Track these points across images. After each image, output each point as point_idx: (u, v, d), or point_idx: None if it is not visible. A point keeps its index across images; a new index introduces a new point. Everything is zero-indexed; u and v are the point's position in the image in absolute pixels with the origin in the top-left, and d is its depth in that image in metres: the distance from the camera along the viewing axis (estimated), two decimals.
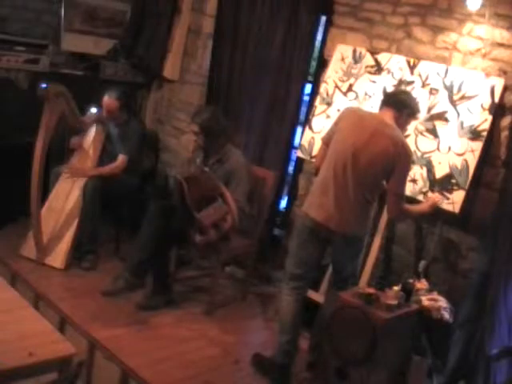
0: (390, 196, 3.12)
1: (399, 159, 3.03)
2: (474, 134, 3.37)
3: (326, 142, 3.22)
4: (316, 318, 3.38)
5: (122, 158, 4.26)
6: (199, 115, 3.82)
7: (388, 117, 3.13)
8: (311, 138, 3.96)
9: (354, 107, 3.54)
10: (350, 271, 3.28)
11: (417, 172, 3.54)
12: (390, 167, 3.03)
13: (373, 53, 3.82)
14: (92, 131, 4.33)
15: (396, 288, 3.18)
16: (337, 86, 3.91)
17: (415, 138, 3.58)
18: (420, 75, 3.61)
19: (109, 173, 4.21)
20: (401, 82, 3.68)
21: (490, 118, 3.34)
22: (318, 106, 3.98)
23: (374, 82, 3.79)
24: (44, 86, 3.76)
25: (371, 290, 3.07)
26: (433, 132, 3.53)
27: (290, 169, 4.55)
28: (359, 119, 3.15)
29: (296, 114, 4.34)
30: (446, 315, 3.24)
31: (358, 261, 3.35)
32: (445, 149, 3.47)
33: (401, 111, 3.14)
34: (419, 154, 3.55)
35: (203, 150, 3.87)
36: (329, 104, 3.93)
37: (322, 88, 3.99)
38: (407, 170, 3.14)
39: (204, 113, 3.84)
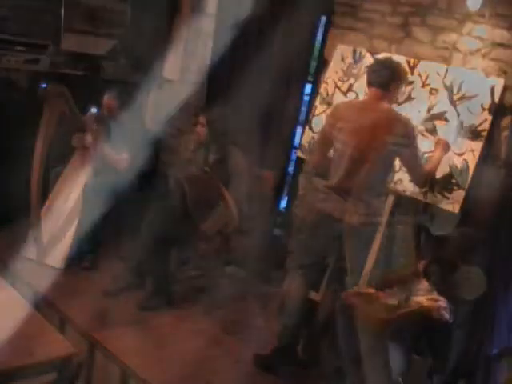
0: (413, 170, 3.19)
1: (406, 136, 3.08)
2: (474, 134, 3.37)
3: (323, 142, 3.26)
4: (313, 317, 3.37)
5: (125, 156, 4.25)
6: (212, 110, 3.87)
7: (376, 98, 3.15)
8: (311, 137, 3.95)
9: (341, 105, 3.47)
10: (357, 266, 3.26)
11: None
12: (395, 150, 3.08)
13: (373, 53, 3.82)
14: (92, 131, 4.32)
15: (396, 288, 3.18)
16: (337, 86, 3.91)
17: None
18: (420, 75, 3.61)
19: (112, 161, 4.19)
20: None
21: (489, 117, 3.33)
22: (318, 106, 3.97)
23: None
24: (44, 85, 3.76)
25: (371, 290, 3.07)
26: (433, 132, 3.53)
27: (290, 169, 4.55)
28: (354, 113, 3.17)
29: (296, 114, 4.33)
30: (446, 315, 3.24)
31: (365, 255, 3.34)
32: None
33: (386, 89, 3.14)
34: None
35: (203, 144, 3.87)
36: (329, 104, 3.92)
37: (322, 88, 3.98)
38: (416, 140, 3.18)
39: (217, 110, 3.87)
